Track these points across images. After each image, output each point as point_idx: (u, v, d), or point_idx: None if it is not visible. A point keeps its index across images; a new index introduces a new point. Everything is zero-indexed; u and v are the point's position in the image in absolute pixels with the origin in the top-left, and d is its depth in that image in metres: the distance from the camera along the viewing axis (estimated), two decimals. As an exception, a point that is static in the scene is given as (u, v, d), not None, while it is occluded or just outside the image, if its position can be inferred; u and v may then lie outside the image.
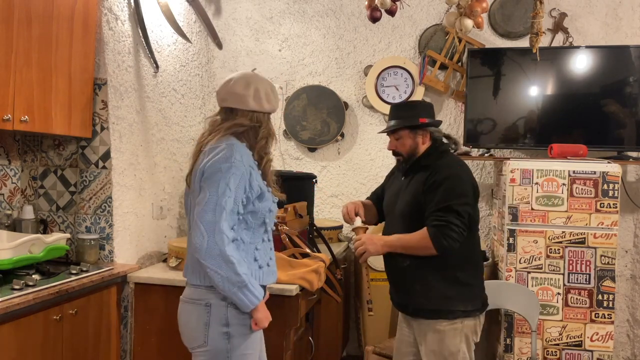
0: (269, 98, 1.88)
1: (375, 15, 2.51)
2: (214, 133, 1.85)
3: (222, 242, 1.67)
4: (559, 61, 3.22)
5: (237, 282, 1.68)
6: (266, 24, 3.77)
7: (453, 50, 3.45)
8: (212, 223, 1.67)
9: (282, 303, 2.24)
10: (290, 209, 2.54)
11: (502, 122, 3.29)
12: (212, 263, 1.67)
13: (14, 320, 1.89)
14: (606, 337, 2.81)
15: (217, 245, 1.66)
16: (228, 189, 1.71)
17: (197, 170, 1.79)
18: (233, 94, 1.85)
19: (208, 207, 1.69)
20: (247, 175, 1.77)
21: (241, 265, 1.70)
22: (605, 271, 2.81)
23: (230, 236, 1.70)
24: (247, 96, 1.84)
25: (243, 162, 1.77)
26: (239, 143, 1.82)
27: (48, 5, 2.26)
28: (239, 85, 1.85)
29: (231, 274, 1.67)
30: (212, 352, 1.76)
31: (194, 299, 1.80)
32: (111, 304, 2.47)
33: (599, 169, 2.81)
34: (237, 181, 1.73)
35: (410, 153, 2.24)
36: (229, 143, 1.79)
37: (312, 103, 3.65)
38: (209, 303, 1.76)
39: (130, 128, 2.73)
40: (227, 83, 1.88)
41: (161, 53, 3.02)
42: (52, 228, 2.66)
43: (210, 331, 1.76)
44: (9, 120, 2.08)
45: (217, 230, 1.67)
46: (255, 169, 1.83)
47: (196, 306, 1.78)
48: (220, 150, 1.76)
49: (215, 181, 1.71)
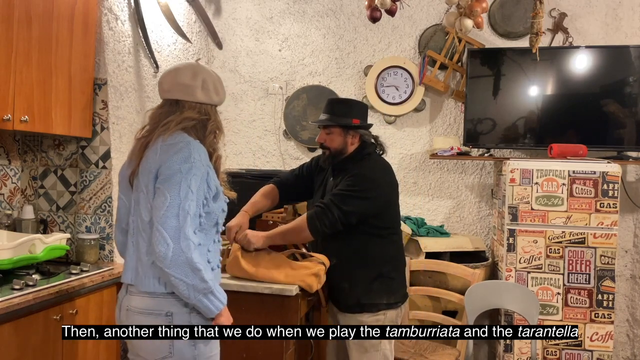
0: (217, 90, 1.78)
1: (375, 15, 2.51)
2: (161, 128, 1.70)
3: (189, 249, 1.57)
4: (559, 61, 3.22)
5: (204, 289, 1.60)
6: (266, 24, 3.77)
7: (453, 50, 3.45)
8: (176, 229, 1.56)
9: (282, 303, 2.24)
10: (290, 208, 2.54)
11: (502, 122, 3.29)
12: (177, 271, 1.56)
13: (14, 320, 1.90)
14: (606, 337, 2.81)
15: (184, 253, 1.56)
16: (190, 191, 1.60)
17: (147, 170, 1.67)
18: (179, 85, 1.71)
19: (170, 213, 1.57)
20: (206, 176, 1.68)
21: (207, 271, 1.63)
22: (605, 271, 2.81)
23: (195, 242, 1.60)
24: (194, 87, 1.71)
25: (202, 162, 1.66)
26: (194, 140, 1.70)
27: (48, 5, 2.26)
28: (186, 75, 1.72)
29: (197, 281, 1.58)
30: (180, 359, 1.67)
31: (150, 310, 1.66)
32: (111, 304, 2.47)
33: (598, 169, 2.81)
34: (198, 183, 1.63)
35: (337, 150, 2.31)
36: (186, 141, 1.67)
37: (312, 103, 3.65)
38: (170, 312, 1.64)
39: (130, 128, 2.73)
40: (171, 73, 1.74)
41: (161, 53, 3.02)
42: (52, 228, 2.67)
43: (176, 341, 1.64)
44: (9, 120, 2.08)
45: (183, 236, 1.56)
46: (212, 167, 1.73)
47: (155, 317, 1.65)
48: (178, 150, 1.65)
49: (175, 183, 1.60)
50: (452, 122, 3.55)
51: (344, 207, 2.15)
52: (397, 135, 3.62)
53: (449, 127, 3.54)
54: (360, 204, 2.17)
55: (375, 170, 2.28)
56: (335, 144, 2.30)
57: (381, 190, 2.24)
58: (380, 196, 2.23)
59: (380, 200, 2.23)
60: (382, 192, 2.24)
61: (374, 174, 2.26)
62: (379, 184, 2.24)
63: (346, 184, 2.20)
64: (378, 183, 2.24)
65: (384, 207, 2.27)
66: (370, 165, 2.29)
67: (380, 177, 2.27)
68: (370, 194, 2.19)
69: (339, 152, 2.31)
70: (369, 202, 2.19)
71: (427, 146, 3.55)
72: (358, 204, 2.17)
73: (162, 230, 1.57)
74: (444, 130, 3.54)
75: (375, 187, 2.22)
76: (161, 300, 1.67)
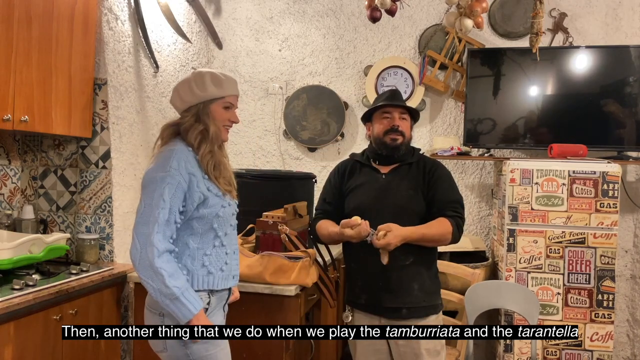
0: (203, 86, 1.77)
1: (375, 15, 2.51)
2: (159, 138, 1.81)
3: (153, 254, 1.63)
4: (559, 61, 3.22)
5: (168, 295, 1.64)
6: (266, 24, 3.77)
7: (453, 50, 3.45)
8: (145, 235, 1.64)
9: (282, 303, 2.24)
10: (290, 208, 2.54)
11: (502, 122, 3.29)
12: (144, 274, 1.65)
13: (14, 320, 1.90)
14: (606, 337, 2.81)
15: (148, 258, 1.63)
16: (162, 200, 1.65)
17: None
18: (173, 96, 1.82)
19: (142, 219, 1.66)
20: (185, 184, 1.70)
21: (173, 277, 1.65)
22: (605, 271, 2.81)
23: (161, 248, 1.64)
24: (181, 90, 1.79)
25: (180, 170, 1.69)
26: (182, 147, 1.75)
27: (48, 5, 2.26)
28: (178, 85, 1.82)
29: (161, 285, 1.63)
30: (173, 357, 1.76)
31: (150, 307, 1.78)
32: (111, 304, 2.47)
33: (598, 169, 2.81)
34: (172, 191, 1.67)
35: (408, 140, 2.20)
36: (171, 149, 1.73)
37: (312, 103, 3.65)
38: (162, 313, 1.73)
39: (130, 128, 2.73)
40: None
41: (161, 53, 3.02)
42: (52, 228, 2.67)
43: (168, 339, 1.74)
44: (9, 120, 2.08)
45: (149, 243, 1.63)
46: (199, 174, 1.75)
47: (153, 314, 1.76)
48: (160, 157, 1.72)
49: (150, 191, 1.68)
50: (452, 122, 3.55)
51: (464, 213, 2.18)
52: (397, 135, 3.62)
53: (449, 127, 3.54)
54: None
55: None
56: (408, 132, 2.19)
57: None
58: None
59: None
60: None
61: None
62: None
63: (450, 185, 2.18)
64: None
65: None
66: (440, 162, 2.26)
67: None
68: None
69: (408, 142, 2.20)
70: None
71: (427, 146, 3.54)
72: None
73: (134, 235, 1.67)
74: (444, 130, 3.54)
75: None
76: (155, 300, 1.73)
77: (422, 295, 2.11)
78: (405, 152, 2.20)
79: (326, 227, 2.19)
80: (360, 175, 2.24)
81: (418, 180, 2.15)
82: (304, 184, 3.04)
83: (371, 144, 2.27)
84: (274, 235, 2.37)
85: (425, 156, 2.27)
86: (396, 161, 2.20)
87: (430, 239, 2.07)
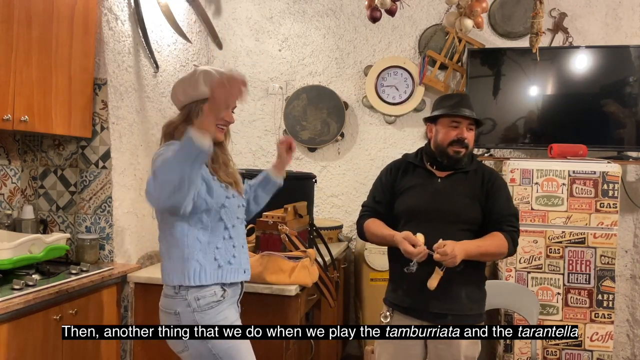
0: (195, 85, 1.77)
1: (375, 15, 2.51)
2: (161, 138, 1.84)
3: (149, 179, 1.55)
4: (559, 61, 3.22)
5: (170, 160, 1.51)
6: (266, 24, 3.77)
7: (453, 50, 3.45)
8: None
9: (282, 303, 2.24)
10: (290, 208, 2.54)
11: (502, 122, 3.29)
12: (155, 188, 1.53)
13: (14, 320, 1.89)
14: (606, 337, 2.81)
15: (149, 184, 1.54)
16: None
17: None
18: (172, 94, 1.85)
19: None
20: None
21: (161, 160, 1.57)
22: (605, 271, 2.81)
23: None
24: (177, 89, 1.82)
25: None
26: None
27: (48, 5, 2.26)
28: (175, 83, 1.84)
29: (162, 169, 1.52)
30: (196, 354, 1.76)
31: (165, 308, 1.79)
32: (111, 304, 2.47)
33: (598, 169, 2.81)
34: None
35: (471, 150, 2.13)
36: (170, 148, 1.71)
37: (312, 103, 3.65)
38: (177, 312, 1.74)
39: (130, 128, 2.73)
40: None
41: (161, 53, 3.02)
42: (52, 228, 2.66)
43: (177, 339, 1.75)
44: (9, 120, 2.07)
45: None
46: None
47: (168, 315, 1.77)
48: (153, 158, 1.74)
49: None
50: (452, 122, 3.54)
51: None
52: (397, 135, 3.62)
53: (449, 127, 3.54)
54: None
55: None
56: (472, 144, 2.11)
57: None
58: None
59: None
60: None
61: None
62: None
63: (507, 197, 2.10)
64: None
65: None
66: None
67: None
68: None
69: (471, 152, 2.13)
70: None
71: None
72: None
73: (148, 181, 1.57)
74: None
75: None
76: (169, 300, 1.77)
77: (469, 303, 2.03)
78: (465, 161, 2.12)
79: (378, 227, 2.11)
80: (414, 176, 2.16)
81: (475, 189, 2.07)
82: (304, 184, 3.04)
83: (428, 145, 2.16)
84: (274, 235, 2.37)
85: (483, 164, 2.17)
86: (454, 168, 2.12)
87: (487, 255, 2.03)
